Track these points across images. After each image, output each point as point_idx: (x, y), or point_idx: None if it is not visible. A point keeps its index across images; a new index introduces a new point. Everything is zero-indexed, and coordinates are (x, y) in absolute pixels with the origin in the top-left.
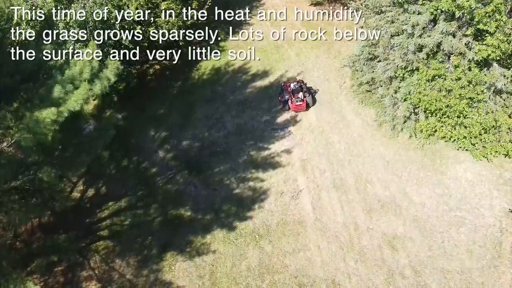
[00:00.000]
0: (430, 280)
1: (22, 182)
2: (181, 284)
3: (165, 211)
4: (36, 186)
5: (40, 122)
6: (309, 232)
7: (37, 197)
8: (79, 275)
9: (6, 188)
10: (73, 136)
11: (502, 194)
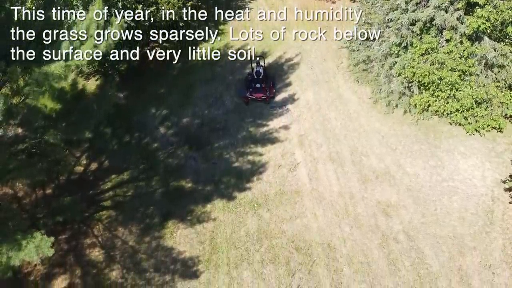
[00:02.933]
0: (423, 244)
1: (29, 145)
2: (182, 249)
3: (167, 183)
4: (42, 149)
5: (49, 75)
6: (305, 201)
7: (42, 162)
8: (83, 243)
9: (14, 150)
10: (78, 100)
11: (494, 166)
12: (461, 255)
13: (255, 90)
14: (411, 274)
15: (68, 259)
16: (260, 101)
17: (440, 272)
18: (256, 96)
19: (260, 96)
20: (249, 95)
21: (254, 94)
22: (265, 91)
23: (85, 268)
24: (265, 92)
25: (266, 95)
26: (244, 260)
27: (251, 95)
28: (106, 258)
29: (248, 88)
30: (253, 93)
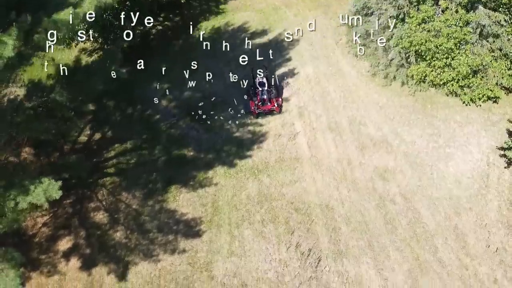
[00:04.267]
0: (419, 205)
1: (36, 103)
2: (185, 211)
3: (169, 152)
4: (49, 108)
5: (58, 22)
6: (304, 167)
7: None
8: (87, 207)
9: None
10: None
11: (490, 134)
12: (457, 215)
13: (262, 102)
14: (408, 232)
15: (73, 222)
16: (269, 113)
17: (436, 230)
18: (265, 108)
19: (269, 108)
20: (256, 108)
21: (262, 107)
22: (273, 101)
23: (89, 230)
24: (273, 102)
25: (276, 106)
26: (245, 220)
27: (258, 108)
28: (110, 221)
29: (253, 100)
30: (261, 106)
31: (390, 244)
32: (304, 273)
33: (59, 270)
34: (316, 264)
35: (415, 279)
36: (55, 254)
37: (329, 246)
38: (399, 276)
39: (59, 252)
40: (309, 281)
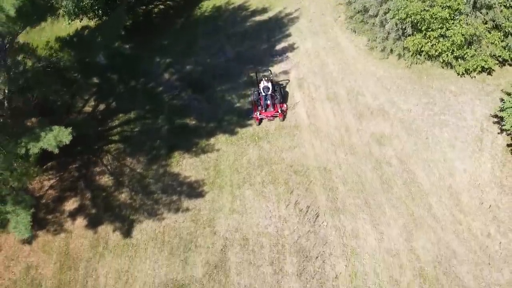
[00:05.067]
0: (414, 167)
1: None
2: (188, 175)
3: (172, 121)
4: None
5: None
6: (303, 134)
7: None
8: (93, 171)
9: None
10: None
11: (484, 103)
12: (451, 176)
13: (266, 108)
14: (403, 191)
15: (79, 185)
16: (273, 119)
17: (431, 189)
18: (268, 114)
19: (272, 114)
20: (259, 114)
21: (265, 112)
22: (277, 107)
23: (95, 192)
24: (276, 108)
25: (280, 112)
26: (246, 182)
27: (261, 113)
28: (115, 183)
29: (257, 106)
30: (264, 111)
31: (386, 202)
32: (302, 228)
33: (65, 229)
34: (314, 220)
35: (410, 233)
36: (62, 214)
37: (327, 204)
38: (395, 230)
39: (65, 212)
40: (307, 234)
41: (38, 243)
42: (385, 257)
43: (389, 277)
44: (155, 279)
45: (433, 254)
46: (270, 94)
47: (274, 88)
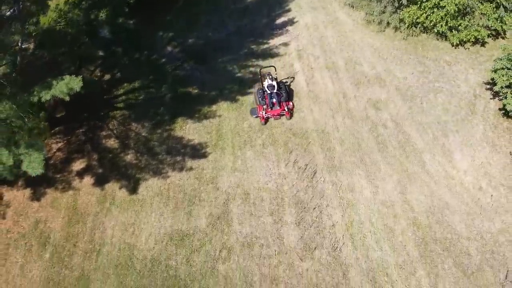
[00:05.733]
0: (409, 129)
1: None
2: (192, 138)
3: (175, 89)
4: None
5: None
6: (303, 100)
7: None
8: (99, 135)
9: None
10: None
11: (477, 71)
12: (444, 136)
13: (271, 106)
14: (398, 150)
15: (86, 147)
16: (279, 117)
17: (425, 148)
18: (274, 113)
19: (278, 112)
20: (264, 113)
21: (271, 111)
22: (283, 105)
23: (101, 154)
24: (283, 106)
25: (286, 110)
26: (247, 144)
27: (267, 112)
28: (121, 146)
29: (262, 105)
30: (270, 110)
31: (381, 159)
32: (301, 183)
33: (73, 187)
34: (312, 176)
35: (404, 187)
36: (69, 174)
37: (324, 162)
38: (389, 184)
39: (73, 172)
40: (306, 189)
41: (46, 199)
42: (380, 208)
43: (384, 225)
44: (160, 229)
45: (426, 205)
46: (276, 92)
47: (279, 86)
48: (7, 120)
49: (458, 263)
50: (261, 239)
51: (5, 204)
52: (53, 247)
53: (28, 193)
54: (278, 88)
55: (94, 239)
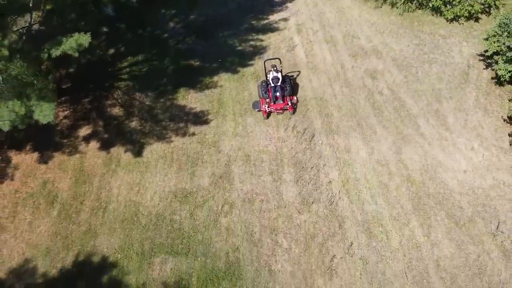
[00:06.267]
0: (404, 96)
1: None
2: (194, 106)
3: (177, 62)
4: None
5: None
6: (302, 70)
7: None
8: (104, 103)
9: None
10: None
11: (471, 44)
12: (438, 102)
13: (275, 100)
14: (393, 115)
15: (91, 115)
16: (282, 112)
17: (419, 113)
18: (277, 107)
19: (281, 107)
20: (268, 107)
21: (274, 105)
22: (287, 99)
23: (106, 121)
24: (286, 100)
25: (290, 104)
26: (247, 111)
27: (270, 106)
28: (125, 114)
29: (265, 98)
30: (273, 104)
31: (377, 123)
32: (299, 146)
33: (80, 151)
34: (310, 139)
35: (399, 148)
36: (76, 139)
37: (322, 126)
38: (384, 146)
39: (80, 137)
40: (304, 150)
41: (54, 162)
42: (375, 166)
43: (378, 182)
44: (165, 188)
45: (420, 164)
46: (280, 85)
47: (284, 79)
48: (18, 77)
49: (451, 215)
50: (261, 195)
51: (13, 166)
52: (61, 205)
53: (36, 156)
54: (282, 81)
55: (100, 197)
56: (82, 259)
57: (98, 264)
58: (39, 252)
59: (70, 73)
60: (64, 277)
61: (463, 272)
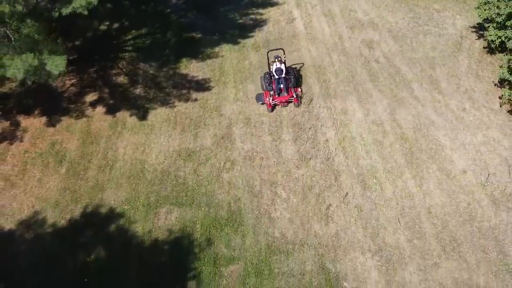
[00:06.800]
0: (399, 63)
1: None
2: (196, 75)
3: (179, 35)
4: None
5: None
6: (301, 41)
7: None
8: (110, 73)
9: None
10: None
11: (464, 17)
12: (432, 68)
13: (279, 92)
14: (388, 80)
15: (97, 83)
16: (287, 105)
17: (413, 78)
18: (281, 99)
19: (286, 99)
20: (271, 100)
21: (278, 98)
22: (291, 91)
23: (112, 88)
24: (291, 92)
25: (294, 96)
26: (248, 78)
27: (274, 99)
28: (130, 81)
29: (269, 91)
30: (277, 96)
31: (372, 88)
32: (298, 109)
33: (86, 115)
34: (308, 103)
35: (393, 109)
36: (83, 104)
37: (320, 91)
38: (380, 107)
39: (86, 103)
40: (302, 113)
41: (62, 125)
42: (371, 126)
43: (373, 139)
44: (169, 148)
45: (414, 123)
46: (284, 77)
47: (288, 70)
48: (29, 35)
49: (442, 168)
50: (261, 153)
51: (22, 129)
52: (69, 163)
53: (44, 120)
54: (286, 72)
55: (107, 156)
56: (90, 210)
57: (106, 214)
58: (48, 205)
59: (77, 46)
60: (73, 226)
61: (454, 219)
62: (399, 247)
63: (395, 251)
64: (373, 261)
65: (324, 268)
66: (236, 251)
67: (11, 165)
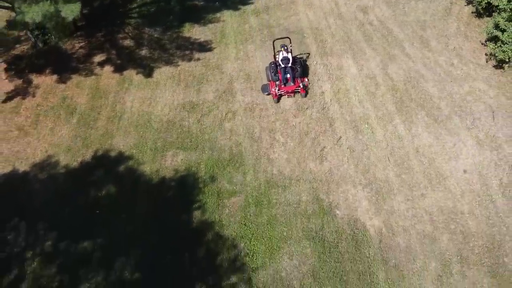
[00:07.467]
0: (392, 26)
1: None
2: (198, 37)
3: (183, 3)
4: None
5: None
6: (299, 7)
7: None
8: (116, 37)
9: None
10: None
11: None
12: (423, 30)
13: (285, 82)
14: (381, 40)
15: (105, 46)
16: (293, 95)
17: (405, 38)
18: (288, 89)
19: (292, 89)
20: (278, 90)
21: (284, 88)
22: (297, 81)
23: (119, 50)
24: (297, 82)
25: (301, 86)
26: (248, 40)
27: (280, 89)
28: (136, 44)
29: (274, 81)
30: (283, 86)
31: (366, 47)
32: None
33: (95, 73)
34: (306, 60)
35: (386, 64)
36: (91, 64)
37: (317, 50)
38: (373, 63)
39: (95, 63)
40: None
41: (72, 82)
42: (364, 79)
43: (366, 90)
44: (174, 101)
45: (404, 76)
46: (290, 67)
47: (295, 60)
48: None
49: (430, 114)
50: (261, 105)
51: (34, 86)
52: (79, 115)
53: (55, 78)
54: (293, 62)
55: (115, 109)
56: (100, 154)
57: (115, 157)
58: (61, 150)
59: (84, 14)
60: (84, 167)
61: (440, 157)
62: (388, 181)
63: (384, 184)
64: (363, 192)
65: (318, 199)
66: (238, 186)
67: (24, 117)
